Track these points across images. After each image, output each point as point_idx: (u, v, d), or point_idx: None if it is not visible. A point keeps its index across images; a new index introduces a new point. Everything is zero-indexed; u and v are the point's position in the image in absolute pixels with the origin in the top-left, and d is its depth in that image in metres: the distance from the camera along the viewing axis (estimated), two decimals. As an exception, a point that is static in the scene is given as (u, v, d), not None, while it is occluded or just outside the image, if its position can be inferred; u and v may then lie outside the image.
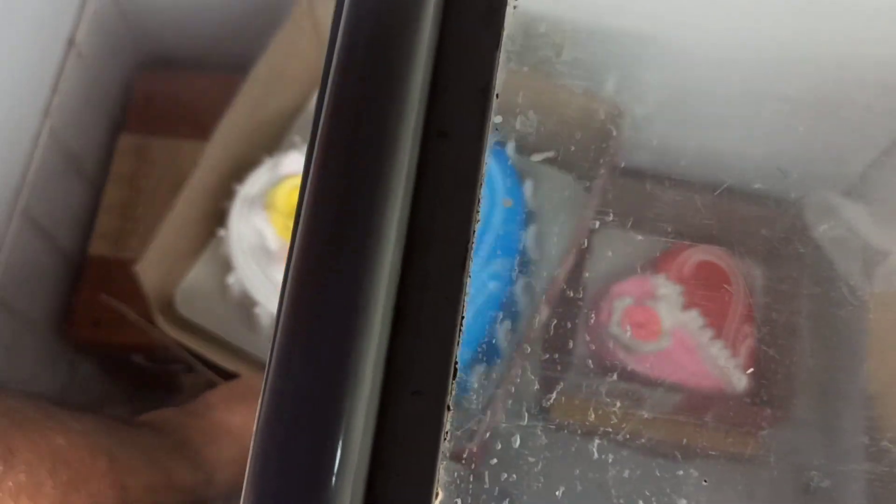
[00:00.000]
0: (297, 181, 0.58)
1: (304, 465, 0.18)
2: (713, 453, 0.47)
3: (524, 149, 0.38)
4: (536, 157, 0.41)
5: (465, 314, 0.21)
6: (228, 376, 0.71)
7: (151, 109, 0.74)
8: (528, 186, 0.50)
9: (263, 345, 0.61)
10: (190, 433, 0.49)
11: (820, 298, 0.50)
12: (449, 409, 0.20)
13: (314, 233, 0.19)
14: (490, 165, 0.63)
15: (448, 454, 0.20)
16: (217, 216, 0.61)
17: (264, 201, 0.59)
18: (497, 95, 0.21)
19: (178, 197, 0.58)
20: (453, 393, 0.20)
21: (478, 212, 0.21)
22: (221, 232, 0.61)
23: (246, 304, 0.59)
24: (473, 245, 0.21)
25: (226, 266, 0.60)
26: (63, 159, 0.68)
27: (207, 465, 0.48)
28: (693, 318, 0.56)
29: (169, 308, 0.62)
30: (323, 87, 0.21)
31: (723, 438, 0.50)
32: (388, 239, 0.20)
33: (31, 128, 0.63)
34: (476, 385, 0.42)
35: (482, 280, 0.64)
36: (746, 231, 0.53)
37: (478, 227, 0.20)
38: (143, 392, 0.74)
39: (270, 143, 0.66)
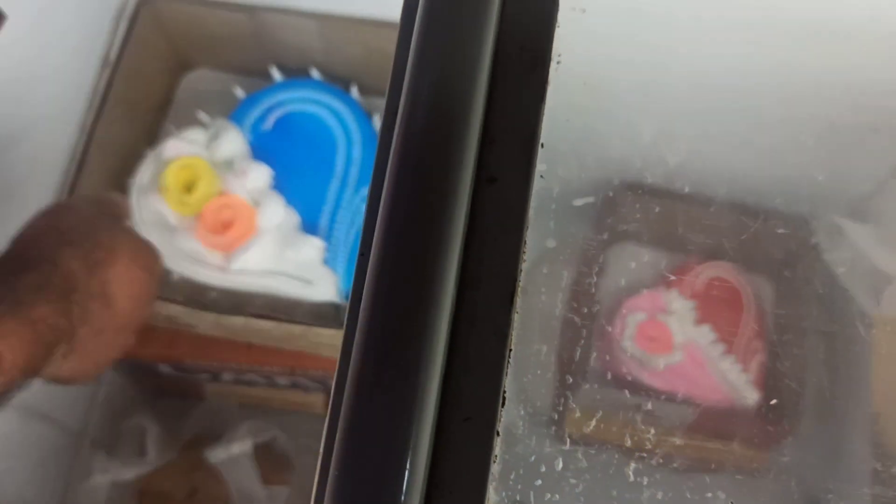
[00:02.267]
0: (180, 162, 0.66)
1: (378, 483, 0.20)
2: (723, 467, 0.48)
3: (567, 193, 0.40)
4: (578, 202, 0.43)
5: (512, 347, 0.22)
6: (249, 385, 0.73)
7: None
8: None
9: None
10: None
11: (828, 317, 0.51)
12: (498, 434, 0.22)
13: (384, 274, 0.21)
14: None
15: (497, 475, 0.22)
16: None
17: (157, 186, 0.66)
18: (542, 145, 0.23)
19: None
20: (502, 420, 0.22)
21: (524, 252, 0.23)
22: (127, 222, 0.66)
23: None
24: (520, 283, 0.23)
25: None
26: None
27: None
28: (705, 333, 0.57)
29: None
30: (385, 138, 0.23)
31: (732, 453, 0.51)
32: (448, 279, 0.21)
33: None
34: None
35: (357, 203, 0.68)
36: (758, 248, 0.54)
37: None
38: (167, 400, 0.76)
39: (148, 137, 0.73)
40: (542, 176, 0.23)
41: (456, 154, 0.22)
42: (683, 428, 0.52)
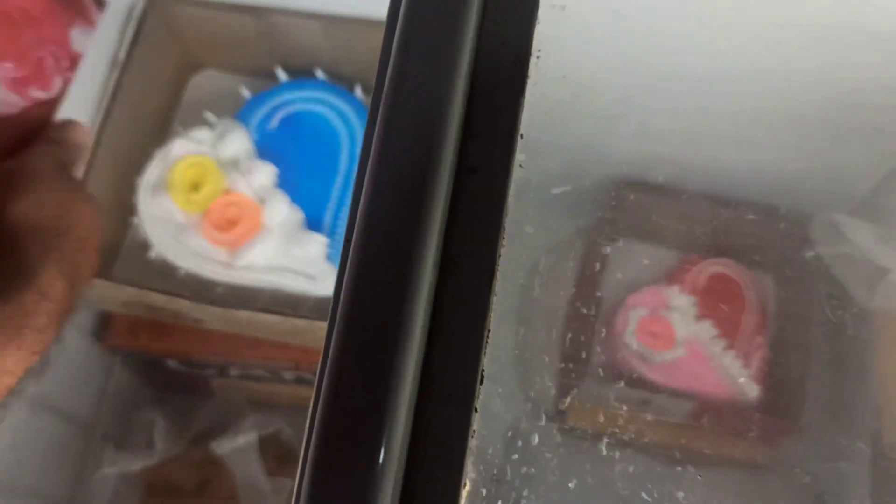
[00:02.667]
0: (188, 161, 0.68)
1: (356, 451, 0.21)
2: (725, 461, 0.49)
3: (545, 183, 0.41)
4: (555, 191, 0.44)
5: (490, 329, 0.24)
6: (256, 380, 0.74)
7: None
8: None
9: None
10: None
11: (828, 312, 0.51)
12: (476, 411, 0.23)
13: (365, 258, 0.22)
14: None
15: (475, 450, 0.23)
16: (128, 208, 0.69)
17: (165, 184, 0.68)
18: (522, 136, 0.24)
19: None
20: (480, 398, 0.23)
21: (503, 238, 0.24)
22: (134, 220, 0.68)
23: (168, 272, 0.66)
24: (498, 268, 0.24)
25: (145, 246, 0.67)
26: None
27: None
28: (706, 328, 0.57)
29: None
30: (370, 131, 0.24)
31: (734, 447, 0.51)
32: (427, 264, 0.23)
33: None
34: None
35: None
36: (758, 245, 0.54)
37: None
38: (175, 395, 0.77)
39: (155, 138, 0.74)
40: (521, 166, 0.24)
41: (436, 146, 0.23)
42: (684, 421, 0.52)
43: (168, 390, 0.77)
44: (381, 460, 0.21)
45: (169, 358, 0.70)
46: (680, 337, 0.59)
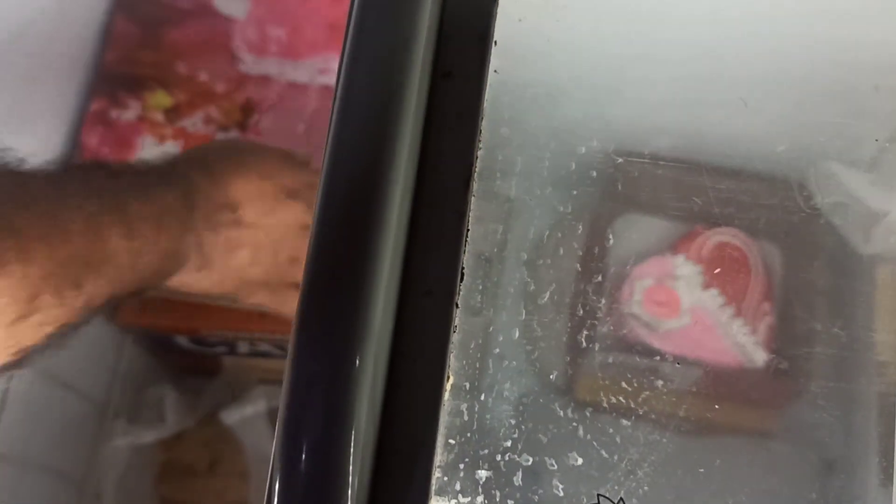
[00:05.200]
0: None
1: (335, 346, 0.22)
2: (733, 428, 0.49)
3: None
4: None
5: (469, 227, 0.24)
6: (265, 357, 0.75)
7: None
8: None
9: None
10: None
11: (831, 270, 0.51)
12: (457, 306, 0.23)
13: (341, 155, 0.23)
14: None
15: (457, 345, 0.23)
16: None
17: None
18: (496, 42, 0.25)
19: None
20: (461, 293, 0.23)
21: (479, 140, 0.24)
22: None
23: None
24: (476, 167, 0.24)
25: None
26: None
27: None
28: (712, 296, 0.57)
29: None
30: (345, 39, 0.25)
31: (743, 414, 0.51)
32: (401, 161, 0.23)
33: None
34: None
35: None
36: (762, 212, 0.54)
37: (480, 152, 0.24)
38: (185, 373, 0.78)
39: None
40: (496, 71, 0.24)
41: (410, 47, 0.23)
42: (692, 390, 0.52)
43: (179, 369, 0.78)
44: (357, 362, 0.21)
45: (178, 334, 0.71)
46: (686, 305, 0.59)
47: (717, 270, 0.57)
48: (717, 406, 0.51)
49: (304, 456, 0.22)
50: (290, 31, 0.70)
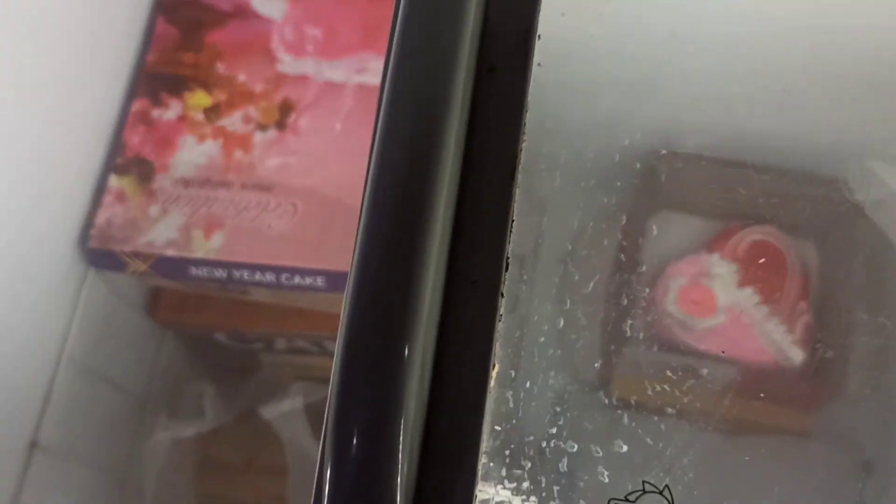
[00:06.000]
0: None
1: (385, 332, 0.22)
2: (769, 428, 0.49)
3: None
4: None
5: (514, 218, 0.24)
6: (302, 353, 0.76)
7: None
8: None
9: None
10: None
11: (870, 268, 0.51)
12: (502, 295, 0.24)
13: (389, 148, 0.24)
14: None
15: (502, 333, 0.24)
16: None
17: None
18: (539, 37, 0.25)
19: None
20: (506, 282, 0.24)
21: (524, 133, 0.25)
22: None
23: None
24: (521, 159, 0.24)
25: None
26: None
27: None
28: (748, 295, 0.57)
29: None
30: (391, 37, 0.25)
31: (779, 414, 0.51)
32: (448, 155, 0.24)
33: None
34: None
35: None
36: (799, 210, 0.54)
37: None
38: (224, 369, 0.79)
39: None
40: (539, 65, 0.25)
41: (455, 43, 0.24)
42: (728, 389, 0.52)
43: (217, 365, 0.79)
44: (408, 349, 0.22)
45: (216, 331, 0.72)
46: (721, 304, 0.59)
47: (754, 268, 0.56)
48: (752, 405, 0.51)
49: (354, 441, 0.23)
50: (326, 32, 0.71)
